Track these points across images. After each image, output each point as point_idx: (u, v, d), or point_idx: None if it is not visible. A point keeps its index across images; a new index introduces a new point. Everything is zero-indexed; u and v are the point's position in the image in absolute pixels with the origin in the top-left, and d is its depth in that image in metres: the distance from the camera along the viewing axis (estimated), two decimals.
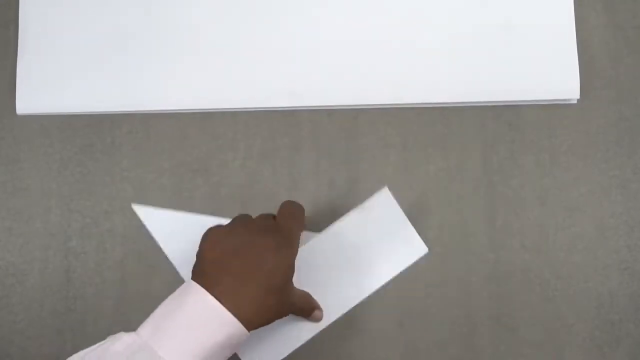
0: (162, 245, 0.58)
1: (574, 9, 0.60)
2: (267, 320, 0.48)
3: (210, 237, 0.49)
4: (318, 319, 0.56)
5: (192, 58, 0.61)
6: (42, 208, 0.60)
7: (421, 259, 0.58)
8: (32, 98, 0.61)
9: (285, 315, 0.50)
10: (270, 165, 0.60)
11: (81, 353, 0.45)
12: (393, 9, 0.60)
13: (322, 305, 0.56)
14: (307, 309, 0.55)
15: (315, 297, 0.56)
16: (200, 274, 0.47)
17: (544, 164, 0.59)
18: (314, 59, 0.60)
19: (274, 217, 0.52)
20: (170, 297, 0.47)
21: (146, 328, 0.45)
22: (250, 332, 0.46)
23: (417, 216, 0.59)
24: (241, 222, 0.50)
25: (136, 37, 0.61)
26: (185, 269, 0.58)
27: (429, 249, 0.58)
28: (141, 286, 0.58)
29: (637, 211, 0.58)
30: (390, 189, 0.58)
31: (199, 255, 0.49)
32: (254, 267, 0.47)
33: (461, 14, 0.60)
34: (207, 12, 0.61)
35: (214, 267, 0.47)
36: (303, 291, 0.54)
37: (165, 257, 0.58)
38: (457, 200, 0.59)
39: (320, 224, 0.58)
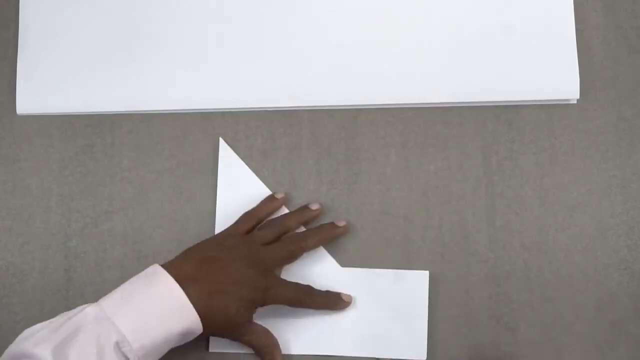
0: (218, 192, 0.59)
1: (574, 9, 0.60)
2: (216, 333, 0.53)
3: (225, 237, 0.55)
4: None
5: (192, 58, 0.61)
6: (42, 208, 0.60)
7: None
8: (32, 98, 0.60)
9: (234, 340, 0.53)
10: (270, 165, 0.60)
11: (45, 323, 0.47)
12: (393, 9, 0.60)
13: (299, 334, 0.56)
14: (262, 351, 0.54)
15: (296, 320, 0.56)
16: (182, 263, 0.51)
17: (544, 164, 0.59)
18: (314, 59, 0.60)
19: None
20: (136, 277, 0.50)
21: (108, 302, 0.48)
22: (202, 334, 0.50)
23: (417, 216, 0.59)
24: (250, 244, 0.54)
25: (136, 37, 0.61)
26: (223, 224, 0.58)
27: (429, 248, 0.58)
28: None
29: (637, 211, 0.58)
30: (390, 189, 0.58)
31: (206, 243, 0.54)
32: (226, 286, 0.51)
33: (461, 14, 0.60)
34: (207, 12, 0.61)
35: (197, 264, 0.51)
36: (266, 333, 0.54)
37: (165, 257, 0.58)
38: (457, 200, 0.59)
39: (320, 224, 0.58)
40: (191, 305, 0.48)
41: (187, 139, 0.60)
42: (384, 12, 0.60)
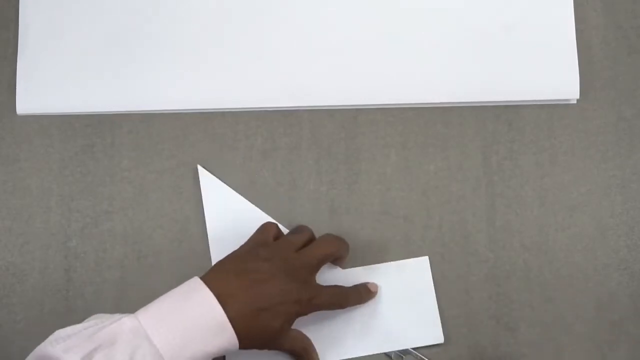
0: (206, 216, 0.58)
1: (574, 9, 0.60)
2: (253, 347, 0.50)
3: (257, 246, 0.53)
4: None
5: (192, 58, 0.60)
6: (42, 208, 0.60)
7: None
8: (32, 98, 0.60)
9: (271, 349, 0.52)
10: (270, 165, 0.60)
11: (78, 327, 0.46)
12: (393, 9, 0.60)
13: (317, 344, 0.55)
14: (299, 354, 0.54)
15: (313, 331, 0.55)
16: (220, 278, 0.49)
17: (544, 164, 0.59)
18: (314, 59, 0.60)
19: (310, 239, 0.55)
20: (176, 290, 0.48)
21: (145, 316, 0.46)
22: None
23: (417, 216, 0.59)
24: (283, 252, 0.52)
25: (136, 37, 0.61)
26: (217, 246, 0.58)
27: (429, 248, 0.58)
28: (141, 286, 0.58)
29: (637, 211, 0.58)
30: (390, 189, 0.58)
31: (241, 254, 0.52)
32: (263, 302, 0.48)
33: (461, 14, 0.60)
34: (207, 12, 0.61)
35: (235, 280, 0.49)
36: (302, 336, 0.54)
37: (165, 257, 0.59)
38: (457, 200, 0.59)
39: (320, 224, 0.58)
40: (230, 326, 0.46)
41: (187, 139, 0.60)
42: (384, 12, 0.60)
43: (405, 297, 0.57)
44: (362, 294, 0.56)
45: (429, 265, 0.57)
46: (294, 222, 0.58)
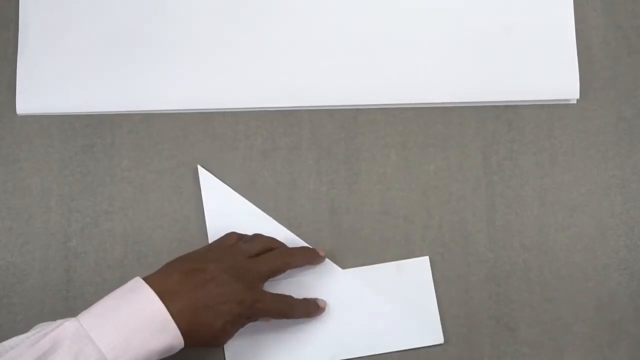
0: (206, 216, 0.58)
1: (574, 9, 0.60)
2: (199, 345, 0.50)
3: (209, 249, 0.54)
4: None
5: (192, 58, 0.61)
6: (42, 208, 0.60)
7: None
8: (32, 98, 0.60)
9: (216, 347, 0.54)
10: (270, 165, 0.60)
11: (22, 337, 0.46)
12: (393, 9, 0.60)
13: (311, 344, 0.56)
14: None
15: (311, 331, 0.56)
16: (166, 276, 0.49)
17: (544, 164, 0.59)
18: (314, 59, 0.60)
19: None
20: (117, 291, 0.48)
21: (87, 317, 0.46)
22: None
23: (417, 216, 0.59)
24: (235, 256, 0.53)
25: (136, 37, 0.61)
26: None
27: (429, 248, 0.58)
28: None
29: (637, 211, 0.59)
30: (390, 189, 0.58)
31: (190, 255, 0.53)
32: (210, 300, 0.49)
33: (461, 14, 0.60)
34: (207, 12, 0.61)
35: (181, 278, 0.49)
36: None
37: (165, 257, 0.58)
38: (457, 200, 0.59)
39: (320, 224, 0.59)
40: (173, 322, 0.46)
41: (187, 139, 0.60)
42: (384, 12, 0.61)
43: (405, 297, 0.57)
44: (310, 307, 0.55)
45: (429, 265, 0.57)
46: (294, 222, 0.58)
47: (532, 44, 0.60)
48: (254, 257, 0.53)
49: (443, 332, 0.57)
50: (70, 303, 0.58)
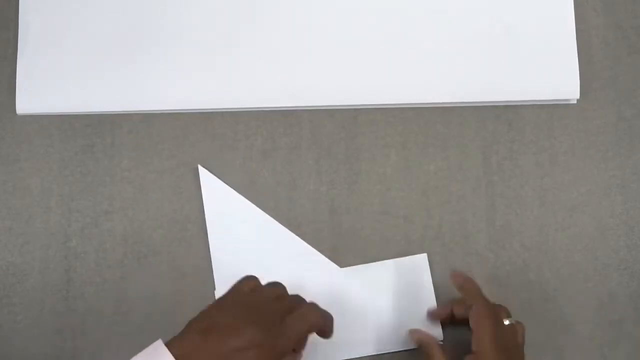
0: (206, 216, 0.58)
1: (574, 9, 0.60)
2: None
3: (226, 296, 0.49)
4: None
5: (192, 58, 0.60)
6: (42, 208, 0.60)
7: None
8: (32, 98, 0.60)
9: None
10: (270, 165, 0.60)
11: None
12: (393, 9, 0.60)
13: (313, 345, 0.52)
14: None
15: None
16: (185, 338, 0.46)
17: (544, 164, 0.59)
18: (314, 59, 0.60)
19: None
20: (141, 355, 0.46)
21: None
22: None
23: (417, 216, 0.59)
24: (256, 301, 0.49)
25: (136, 37, 0.61)
26: (217, 245, 0.58)
27: (429, 248, 0.58)
28: (141, 286, 0.58)
29: (637, 211, 0.59)
30: (390, 189, 0.58)
31: (209, 309, 0.48)
32: (231, 354, 0.45)
33: (461, 14, 0.60)
34: (207, 12, 0.61)
35: (199, 335, 0.46)
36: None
37: (165, 257, 0.59)
38: (457, 200, 0.59)
39: (320, 224, 0.59)
40: None
41: (187, 139, 0.60)
42: (384, 12, 0.60)
43: (404, 295, 0.57)
44: (328, 317, 0.51)
45: (427, 262, 0.57)
46: (294, 222, 0.58)
47: (532, 44, 0.60)
48: (286, 318, 0.49)
49: (443, 332, 0.57)
50: (70, 303, 0.58)
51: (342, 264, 0.58)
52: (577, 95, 0.59)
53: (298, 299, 0.51)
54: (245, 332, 0.46)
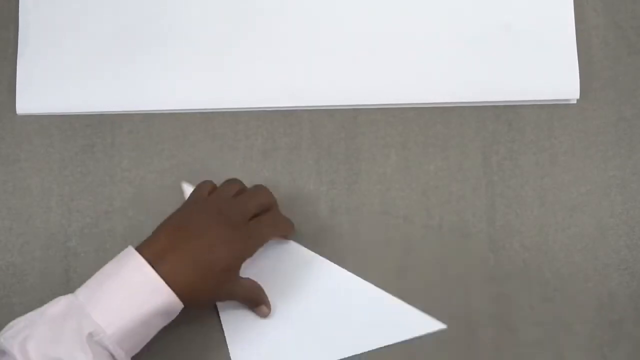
0: None
1: (574, 9, 0.60)
2: (203, 301, 0.52)
3: (191, 202, 0.54)
4: (263, 315, 0.55)
5: (192, 58, 0.61)
6: (42, 208, 0.60)
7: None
8: (32, 98, 0.60)
9: (225, 300, 0.54)
10: (270, 165, 0.60)
11: (26, 315, 0.48)
12: (393, 9, 0.61)
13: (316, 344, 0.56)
14: (253, 300, 0.55)
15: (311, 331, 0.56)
16: (154, 240, 0.50)
17: (544, 164, 0.59)
18: (314, 59, 0.60)
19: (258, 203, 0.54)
20: (110, 262, 0.49)
21: (83, 291, 0.48)
22: (186, 307, 0.49)
23: (417, 216, 0.59)
24: (216, 202, 0.53)
25: (136, 37, 0.61)
26: None
27: (429, 249, 0.58)
28: None
29: (637, 211, 0.59)
30: (390, 189, 0.58)
31: (176, 213, 0.52)
32: (200, 252, 0.49)
33: (461, 14, 0.60)
34: (207, 12, 0.61)
35: (167, 238, 0.50)
36: (253, 283, 0.54)
37: None
38: (457, 200, 0.59)
39: (320, 224, 0.58)
40: (163, 282, 0.47)
41: (187, 139, 0.60)
42: (384, 12, 0.61)
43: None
44: (289, 223, 0.56)
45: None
46: (294, 222, 0.58)
47: (532, 44, 0.60)
48: (237, 197, 0.54)
49: (443, 331, 0.56)
50: None
51: (342, 264, 0.58)
52: (577, 95, 0.59)
53: (258, 191, 0.55)
54: (212, 229, 0.50)
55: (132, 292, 0.47)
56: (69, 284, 0.58)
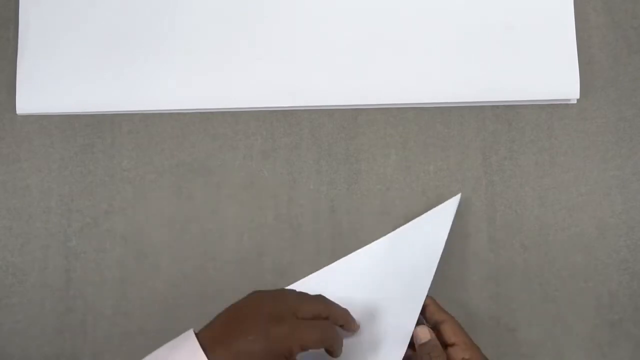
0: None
1: (574, 9, 0.60)
2: None
3: (257, 292, 0.50)
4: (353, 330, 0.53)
5: (192, 58, 0.61)
6: (42, 208, 0.60)
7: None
8: (32, 98, 0.61)
9: None
10: (270, 165, 0.60)
11: None
12: (393, 9, 0.61)
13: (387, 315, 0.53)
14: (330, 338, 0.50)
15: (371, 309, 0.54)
16: (215, 321, 0.48)
17: (544, 164, 0.59)
18: (314, 59, 0.60)
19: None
20: (171, 341, 0.47)
21: None
22: None
23: (417, 216, 0.59)
24: (279, 292, 0.50)
25: (136, 37, 0.61)
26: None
27: None
28: (141, 286, 0.58)
29: (637, 211, 0.58)
30: (390, 189, 0.58)
31: (240, 300, 0.49)
32: (244, 344, 0.47)
33: (461, 14, 0.60)
34: (207, 12, 0.61)
35: (230, 322, 0.48)
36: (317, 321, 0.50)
37: (165, 258, 0.59)
38: None
39: (320, 224, 0.59)
40: None
41: (187, 139, 0.60)
42: (384, 12, 0.60)
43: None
44: (349, 316, 0.53)
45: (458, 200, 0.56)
46: (294, 222, 0.58)
47: (532, 44, 0.60)
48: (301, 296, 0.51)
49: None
50: (70, 303, 0.58)
51: None
52: (577, 95, 0.59)
53: (318, 303, 0.51)
54: (260, 327, 0.47)
55: None
56: (69, 284, 0.58)
